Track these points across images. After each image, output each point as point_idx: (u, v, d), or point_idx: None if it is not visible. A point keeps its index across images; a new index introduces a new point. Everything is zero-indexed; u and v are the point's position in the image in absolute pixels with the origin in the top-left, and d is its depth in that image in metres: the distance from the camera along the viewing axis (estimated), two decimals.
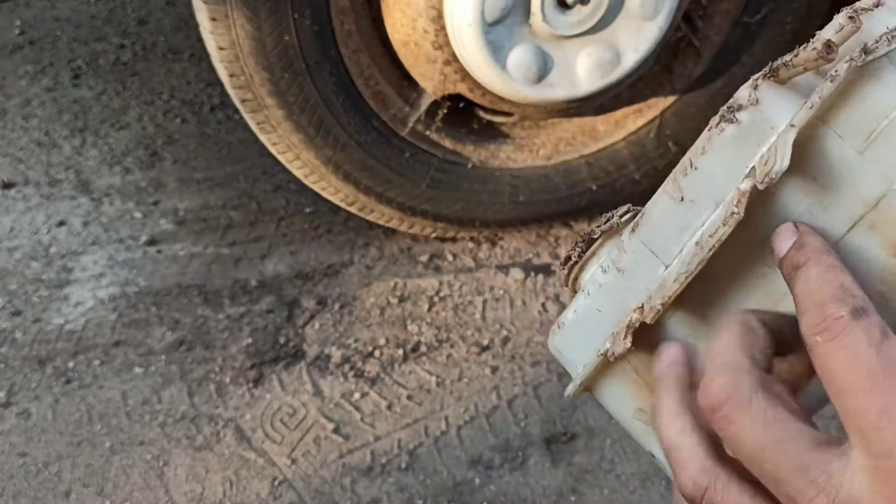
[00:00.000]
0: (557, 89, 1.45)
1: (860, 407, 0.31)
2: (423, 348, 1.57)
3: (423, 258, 1.75)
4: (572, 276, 0.50)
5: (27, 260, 1.74)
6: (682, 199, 0.41)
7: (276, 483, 1.37)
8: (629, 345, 0.44)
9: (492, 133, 1.69)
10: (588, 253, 0.49)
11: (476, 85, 1.48)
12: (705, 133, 0.41)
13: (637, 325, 0.44)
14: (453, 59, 1.44)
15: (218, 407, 1.48)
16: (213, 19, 1.36)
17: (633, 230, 0.45)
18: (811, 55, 0.36)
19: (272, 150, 1.57)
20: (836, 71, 0.36)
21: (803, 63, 0.37)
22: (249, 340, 1.58)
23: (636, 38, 1.43)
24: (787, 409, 0.35)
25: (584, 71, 1.44)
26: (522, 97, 1.46)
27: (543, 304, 1.65)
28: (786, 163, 0.37)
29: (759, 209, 0.40)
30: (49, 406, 1.48)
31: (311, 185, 1.63)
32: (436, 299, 1.66)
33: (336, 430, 1.44)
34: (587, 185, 1.72)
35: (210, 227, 1.82)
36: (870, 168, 0.36)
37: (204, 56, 2.12)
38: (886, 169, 0.36)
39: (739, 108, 0.39)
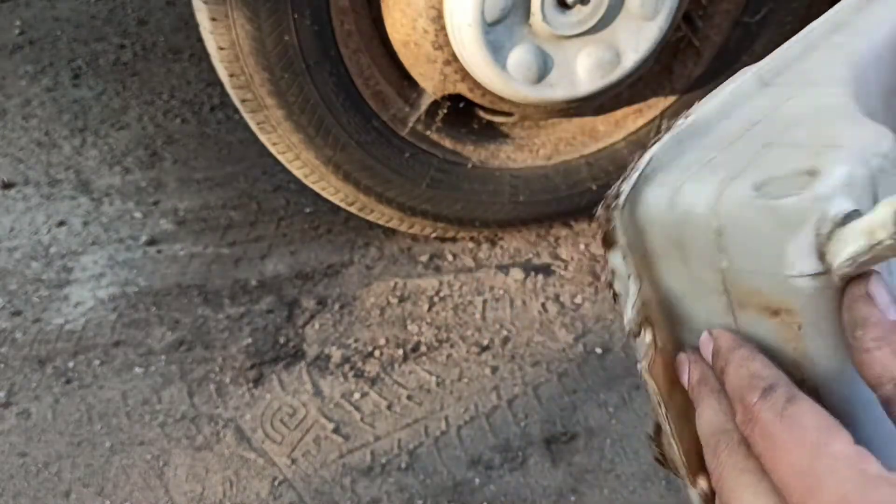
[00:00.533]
0: (557, 89, 1.45)
1: (779, 475, 0.34)
2: (423, 348, 1.57)
3: (423, 258, 1.75)
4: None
5: (27, 260, 1.74)
6: None
7: (276, 483, 1.37)
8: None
9: (492, 133, 1.69)
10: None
11: (476, 85, 1.48)
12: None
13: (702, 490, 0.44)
14: (453, 59, 1.44)
15: (218, 407, 1.48)
16: (213, 19, 1.36)
17: None
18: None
19: (272, 150, 1.57)
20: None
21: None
22: (249, 340, 1.58)
23: (636, 38, 1.43)
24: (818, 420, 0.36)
25: (584, 71, 1.44)
26: (522, 97, 1.46)
27: (543, 304, 1.65)
28: (631, 314, 0.41)
29: (676, 342, 0.43)
30: (49, 406, 1.48)
31: (311, 185, 1.63)
32: (436, 299, 1.66)
33: (336, 430, 1.45)
34: (587, 185, 1.72)
35: (210, 227, 1.82)
36: (697, 266, 0.38)
37: (204, 56, 2.12)
38: (706, 260, 0.38)
39: (610, 284, 0.42)
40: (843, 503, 0.31)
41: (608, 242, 0.41)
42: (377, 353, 1.56)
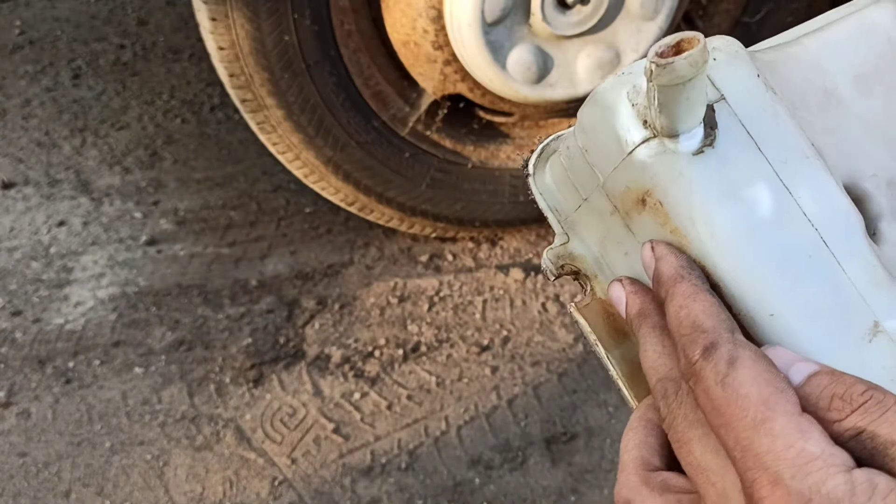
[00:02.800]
0: (557, 89, 1.45)
1: (723, 441, 0.34)
2: (423, 348, 1.57)
3: (423, 258, 1.75)
4: None
5: (27, 260, 1.74)
6: None
7: (276, 483, 1.37)
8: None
9: (492, 133, 1.69)
10: None
11: (476, 85, 1.48)
12: None
13: None
14: (453, 59, 1.44)
15: (218, 407, 1.48)
16: (213, 19, 1.36)
17: None
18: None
19: (272, 150, 1.57)
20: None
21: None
22: (249, 340, 1.58)
23: (636, 38, 1.43)
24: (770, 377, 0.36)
25: (584, 71, 1.44)
26: (522, 97, 1.46)
27: (543, 304, 1.65)
28: (547, 262, 0.45)
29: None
30: (49, 406, 1.48)
31: (311, 185, 1.63)
32: (436, 299, 1.66)
33: (336, 430, 1.44)
34: None
35: (210, 227, 1.82)
36: (591, 200, 0.42)
37: (204, 56, 2.12)
38: (589, 188, 0.42)
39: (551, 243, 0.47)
40: (778, 483, 0.31)
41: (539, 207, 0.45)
42: (377, 353, 1.56)
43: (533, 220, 1.76)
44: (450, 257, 1.75)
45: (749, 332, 0.38)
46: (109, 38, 2.33)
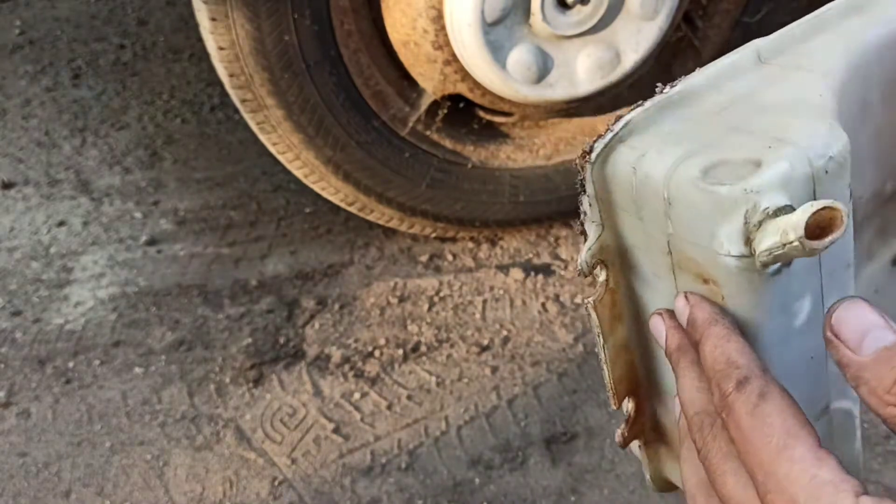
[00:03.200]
0: (557, 89, 1.45)
1: (748, 466, 0.37)
2: (423, 348, 1.57)
3: (423, 258, 1.75)
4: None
5: (27, 260, 1.74)
6: None
7: (276, 483, 1.37)
8: (624, 429, 0.50)
9: (492, 133, 1.69)
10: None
11: (476, 85, 1.48)
12: None
13: (627, 412, 0.50)
14: (453, 59, 1.44)
15: (218, 407, 1.48)
16: (213, 19, 1.36)
17: None
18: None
19: (272, 150, 1.57)
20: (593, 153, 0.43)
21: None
22: (249, 340, 1.58)
23: (636, 38, 1.43)
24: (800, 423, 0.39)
25: (584, 71, 1.44)
26: (522, 97, 1.46)
27: (543, 304, 1.65)
28: (585, 256, 0.45)
29: (628, 284, 0.47)
30: (49, 406, 1.48)
31: (311, 185, 1.63)
32: (436, 299, 1.66)
33: (336, 430, 1.45)
34: None
35: (210, 227, 1.82)
36: (650, 227, 0.42)
37: (204, 56, 2.12)
38: (656, 223, 0.41)
39: (581, 224, 0.46)
40: None
41: (581, 188, 0.45)
42: (377, 353, 1.56)
43: (533, 220, 1.77)
44: (450, 257, 1.75)
45: None
46: (109, 38, 2.33)
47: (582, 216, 0.46)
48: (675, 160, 0.40)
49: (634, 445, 0.53)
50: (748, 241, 0.37)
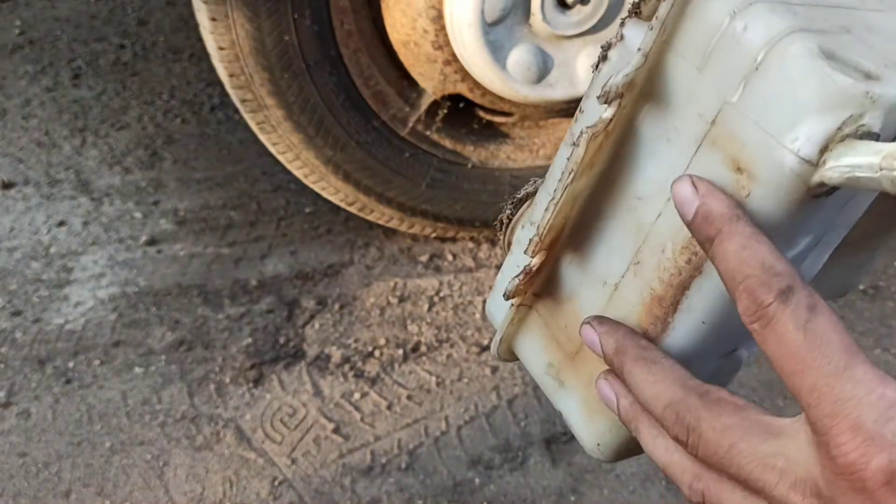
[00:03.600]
0: (557, 89, 1.45)
1: (796, 387, 0.33)
2: (423, 348, 1.57)
3: (423, 258, 1.75)
4: (506, 238, 0.52)
5: (27, 260, 1.74)
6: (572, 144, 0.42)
7: (276, 483, 1.37)
8: (520, 280, 0.45)
9: (492, 133, 1.69)
10: (518, 213, 0.50)
11: (476, 85, 1.48)
12: (591, 76, 0.42)
13: (530, 264, 0.45)
14: (453, 59, 1.44)
15: (218, 407, 1.48)
16: (213, 19, 1.36)
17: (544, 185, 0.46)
18: None
19: (272, 150, 1.57)
20: None
21: None
22: (249, 340, 1.58)
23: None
24: (732, 408, 0.37)
25: (584, 71, 1.44)
26: (522, 97, 1.46)
27: None
28: (620, 79, 0.37)
29: (621, 139, 0.40)
30: (49, 406, 1.48)
31: (311, 185, 1.63)
32: (436, 299, 1.66)
33: (336, 430, 1.45)
34: None
35: (210, 227, 1.82)
36: (707, 84, 0.36)
37: (204, 56, 2.12)
38: (720, 83, 0.36)
39: (609, 46, 0.40)
40: (859, 428, 0.31)
41: (636, 9, 0.40)
42: (377, 353, 1.56)
43: None
44: (450, 257, 1.75)
45: None
46: (109, 38, 2.33)
47: (619, 38, 0.40)
48: (791, 26, 0.34)
49: (498, 307, 0.50)
50: (824, 150, 0.33)
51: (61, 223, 1.82)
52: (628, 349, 0.41)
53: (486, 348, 1.57)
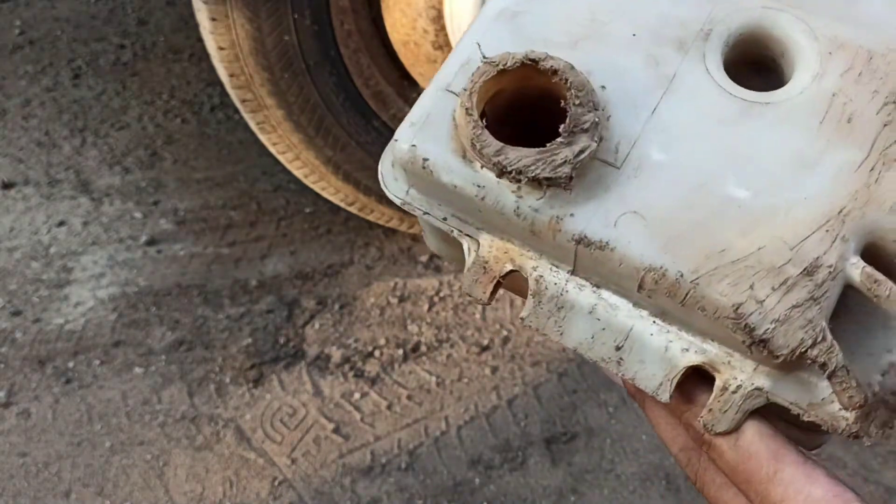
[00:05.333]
0: None
1: (747, 495, 0.40)
2: (423, 348, 1.57)
3: (423, 258, 1.75)
4: None
5: (27, 260, 1.74)
6: None
7: (276, 483, 1.37)
8: None
9: None
10: None
11: None
12: None
13: None
14: None
15: (218, 407, 1.48)
16: (213, 19, 1.36)
17: None
18: None
19: (272, 150, 1.57)
20: None
21: None
22: (249, 340, 1.58)
23: None
24: None
25: None
26: None
27: None
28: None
29: None
30: (49, 406, 1.48)
31: (311, 185, 1.63)
32: (436, 299, 1.66)
33: (336, 430, 1.45)
34: None
35: (210, 227, 1.82)
36: None
37: (204, 56, 2.12)
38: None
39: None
40: None
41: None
42: (377, 353, 1.56)
43: None
44: None
45: None
46: (109, 38, 2.33)
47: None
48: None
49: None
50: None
51: (61, 223, 1.82)
52: None
53: (486, 348, 1.57)
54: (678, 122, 0.44)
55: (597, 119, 0.41)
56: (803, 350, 0.39)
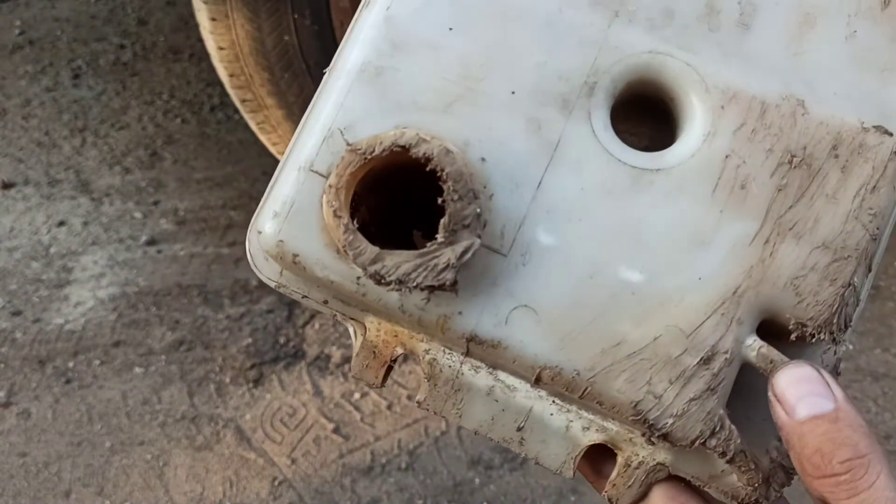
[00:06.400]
0: None
1: None
2: None
3: None
4: None
5: (27, 260, 1.74)
6: None
7: (276, 483, 1.37)
8: None
9: None
10: None
11: None
12: None
13: None
14: None
15: (218, 407, 1.48)
16: (213, 19, 1.36)
17: None
18: None
19: (272, 150, 1.57)
20: None
21: None
22: (249, 340, 1.58)
23: None
24: None
25: None
26: None
27: None
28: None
29: None
30: (49, 406, 1.48)
31: None
32: None
33: (336, 430, 1.45)
34: None
35: (210, 227, 1.82)
36: None
37: (204, 56, 2.12)
38: None
39: None
40: None
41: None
42: None
43: None
44: None
45: None
46: (109, 38, 2.33)
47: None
48: None
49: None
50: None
51: (61, 223, 1.83)
52: None
53: None
54: (565, 198, 0.41)
55: (478, 210, 0.38)
56: (702, 441, 0.39)
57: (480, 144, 0.41)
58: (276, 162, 1.61)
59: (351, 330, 0.46)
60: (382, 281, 0.39)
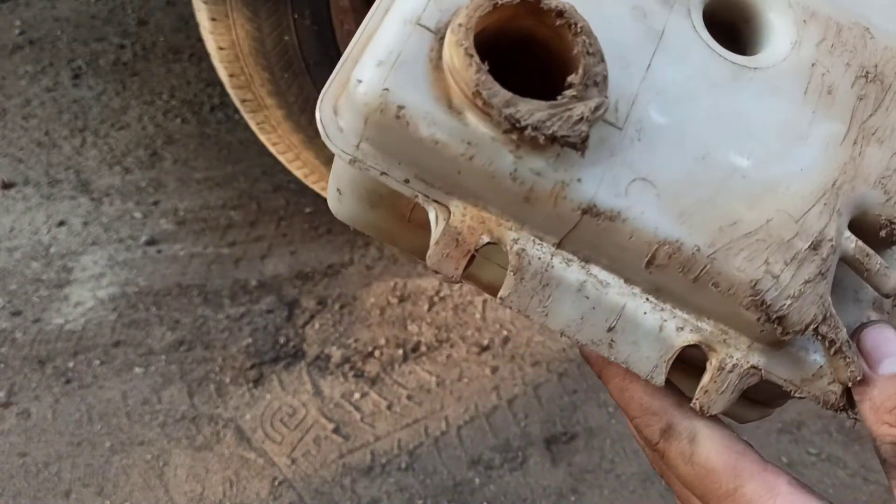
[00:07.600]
0: None
1: None
2: (423, 348, 1.57)
3: None
4: None
5: (27, 260, 1.74)
6: None
7: (276, 483, 1.37)
8: None
9: None
10: None
11: None
12: None
13: None
14: None
15: (218, 407, 1.48)
16: (213, 19, 1.36)
17: None
18: None
19: (272, 150, 1.57)
20: None
21: None
22: (249, 340, 1.58)
23: None
24: None
25: None
26: None
27: None
28: None
29: None
30: (49, 406, 1.48)
31: (311, 185, 1.63)
32: (436, 299, 1.66)
33: (336, 430, 1.45)
34: None
35: (210, 227, 1.82)
36: None
37: (204, 56, 2.12)
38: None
39: None
40: None
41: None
42: (377, 353, 1.56)
43: None
44: None
45: None
46: (109, 38, 2.33)
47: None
48: None
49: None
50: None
51: (61, 223, 1.82)
52: None
53: (486, 348, 1.57)
54: (674, 83, 0.41)
55: (606, 72, 0.37)
56: (815, 326, 0.39)
57: (590, 22, 0.39)
58: (277, 162, 1.61)
59: (432, 215, 0.41)
60: (514, 127, 0.36)
